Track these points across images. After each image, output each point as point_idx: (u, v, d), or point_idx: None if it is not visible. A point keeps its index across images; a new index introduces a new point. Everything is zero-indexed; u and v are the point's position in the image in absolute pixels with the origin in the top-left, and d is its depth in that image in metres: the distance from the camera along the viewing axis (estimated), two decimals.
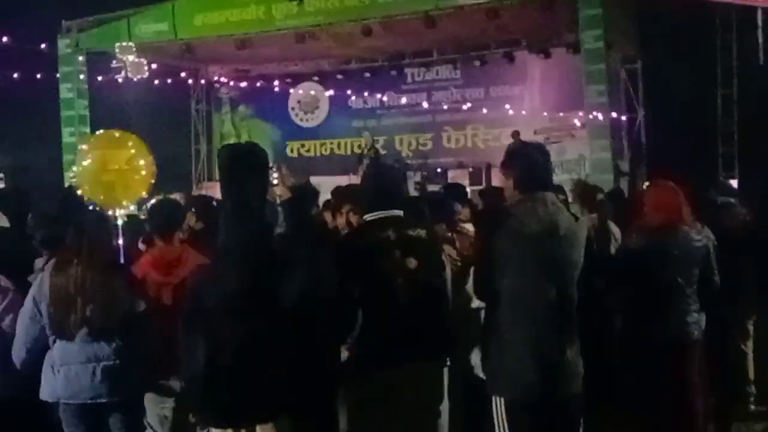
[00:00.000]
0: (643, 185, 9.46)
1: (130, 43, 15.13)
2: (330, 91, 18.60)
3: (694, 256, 4.62)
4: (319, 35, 15.22)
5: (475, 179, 15.13)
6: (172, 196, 6.96)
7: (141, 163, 6.13)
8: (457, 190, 6.31)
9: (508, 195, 3.74)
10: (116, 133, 6.58)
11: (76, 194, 7.25)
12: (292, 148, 19.43)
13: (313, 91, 18.97)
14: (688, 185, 4.83)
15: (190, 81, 18.65)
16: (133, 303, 3.95)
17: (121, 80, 15.18)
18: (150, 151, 6.30)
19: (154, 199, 5.67)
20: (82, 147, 6.67)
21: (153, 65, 15.65)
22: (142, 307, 3.97)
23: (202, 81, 19.42)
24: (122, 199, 6.04)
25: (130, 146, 6.20)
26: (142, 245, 5.32)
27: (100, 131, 7.12)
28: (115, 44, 15.07)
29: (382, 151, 16.61)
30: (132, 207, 6.67)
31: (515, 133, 14.82)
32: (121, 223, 5.70)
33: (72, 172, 14.64)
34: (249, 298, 3.04)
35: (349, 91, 18.34)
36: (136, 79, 15.13)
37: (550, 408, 3.53)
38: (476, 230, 5.37)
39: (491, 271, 3.57)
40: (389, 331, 3.51)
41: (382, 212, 3.68)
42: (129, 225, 5.76)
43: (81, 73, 16.20)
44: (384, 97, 18.29)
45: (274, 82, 18.52)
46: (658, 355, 4.57)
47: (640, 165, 15.31)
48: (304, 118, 19.41)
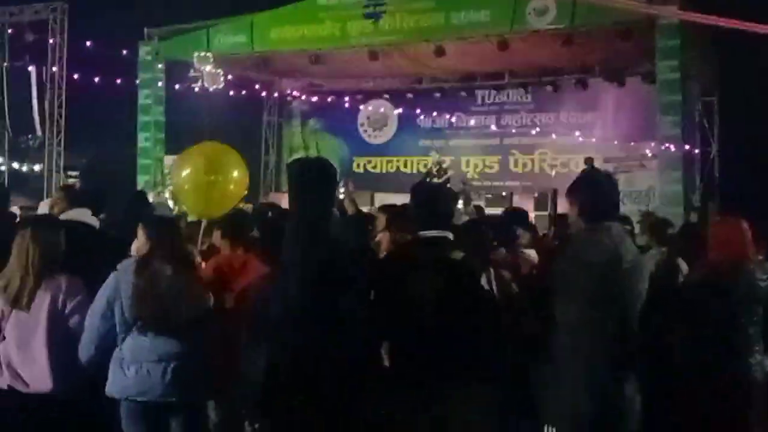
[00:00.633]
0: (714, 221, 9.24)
1: (209, 54, 15.48)
2: (399, 109, 18.74)
3: (758, 295, 4.49)
4: (391, 53, 15.37)
5: (540, 205, 14.90)
6: (241, 206, 7.05)
7: (237, 175, 6.09)
8: (519, 214, 6.25)
9: (572, 222, 3.71)
10: (219, 144, 6.55)
11: (146, 197, 7.43)
12: (359, 164, 19.59)
13: (382, 109, 19.13)
14: (759, 223, 4.71)
15: (264, 93, 19.01)
16: (205, 303, 4.04)
17: (197, 89, 15.53)
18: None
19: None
20: (186, 152, 6.52)
21: (229, 76, 16.01)
22: (210, 309, 4.06)
23: (275, 94, 19.73)
24: (218, 209, 5.79)
25: (233, 159, 6.16)
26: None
27: (205, 141, 7.05)
28: (194, 54, 15.44)
29: (449, 172, 16.57)
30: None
31: (589, 160, 14.65)
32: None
33: (161, 176, 15.05)
34: (311, 309, 3.09)
35: (418, 110, 18.46)
36: (212, 89, 15.48)
37: None
38: (539, 256, 5.37)
39: (550, 298, 3.53)
40: (415, 353, 3.39)
41: (432, 231, 3.57)
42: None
43: (159, 81, 16.53)
44: (453, 118, 18.35)
45: (345, 98, 18.76)
46: (717, 396, 4.44)
47: (711, 200, 14.99)
48: (372, 135, 19.60)
